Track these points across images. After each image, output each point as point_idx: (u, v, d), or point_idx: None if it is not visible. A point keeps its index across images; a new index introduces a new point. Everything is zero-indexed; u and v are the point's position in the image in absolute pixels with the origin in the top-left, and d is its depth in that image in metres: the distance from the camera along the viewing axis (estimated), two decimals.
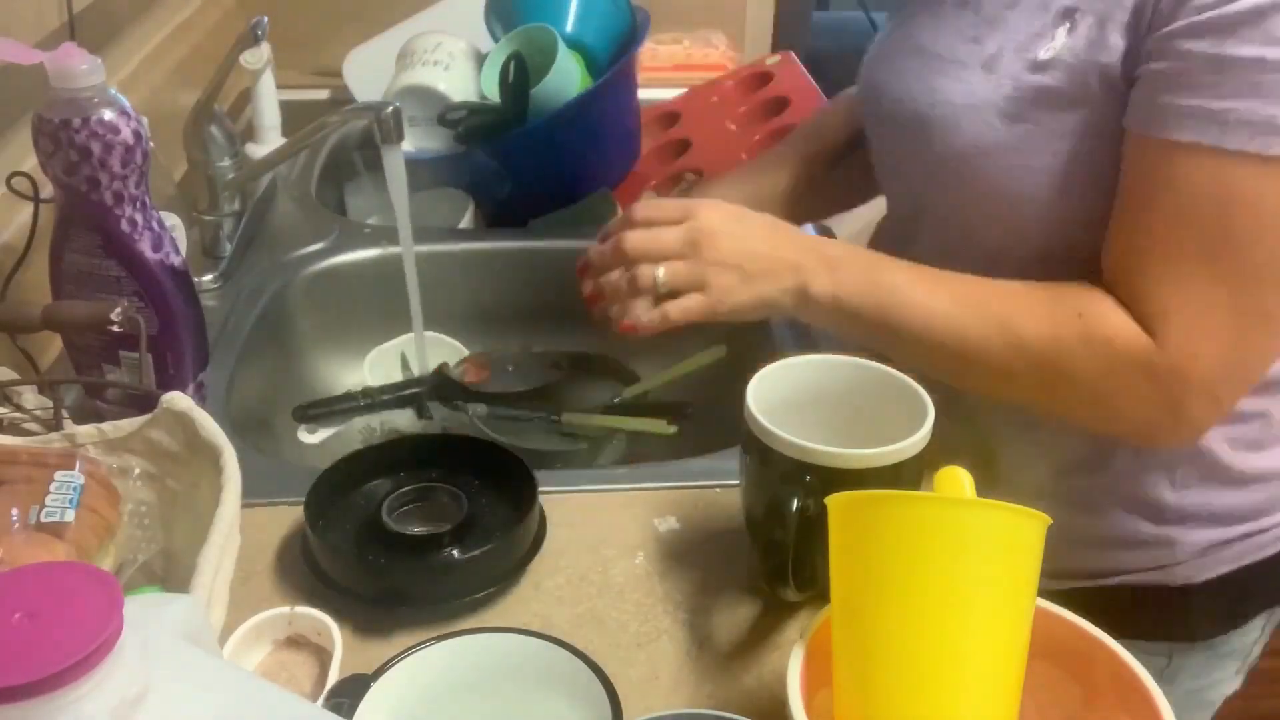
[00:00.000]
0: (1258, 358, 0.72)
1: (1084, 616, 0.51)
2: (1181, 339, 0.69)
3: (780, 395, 0.68)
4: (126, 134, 0.73)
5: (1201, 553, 0.85)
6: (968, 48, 0.77)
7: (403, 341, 1.04)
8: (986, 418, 0.85)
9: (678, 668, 0.64)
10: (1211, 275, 0.68)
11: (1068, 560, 0.86)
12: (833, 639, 0.55)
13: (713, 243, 0.76)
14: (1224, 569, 0.85)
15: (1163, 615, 0.87)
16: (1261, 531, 0.85)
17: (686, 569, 0.71)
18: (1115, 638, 0.85)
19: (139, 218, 0.76)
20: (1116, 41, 0.69)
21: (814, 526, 0.59)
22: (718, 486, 0.78)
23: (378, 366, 1.04)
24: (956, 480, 0.56)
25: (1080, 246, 0.75)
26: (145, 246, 0.77)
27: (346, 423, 1.00)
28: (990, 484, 0.73)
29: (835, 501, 0.54)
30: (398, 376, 1.04)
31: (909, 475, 0.63)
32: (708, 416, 1.08)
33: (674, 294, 0.76)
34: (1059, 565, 0.84)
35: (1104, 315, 0.71)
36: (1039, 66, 0.72)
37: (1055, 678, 0.57)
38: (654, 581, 0.71)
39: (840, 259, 0.76)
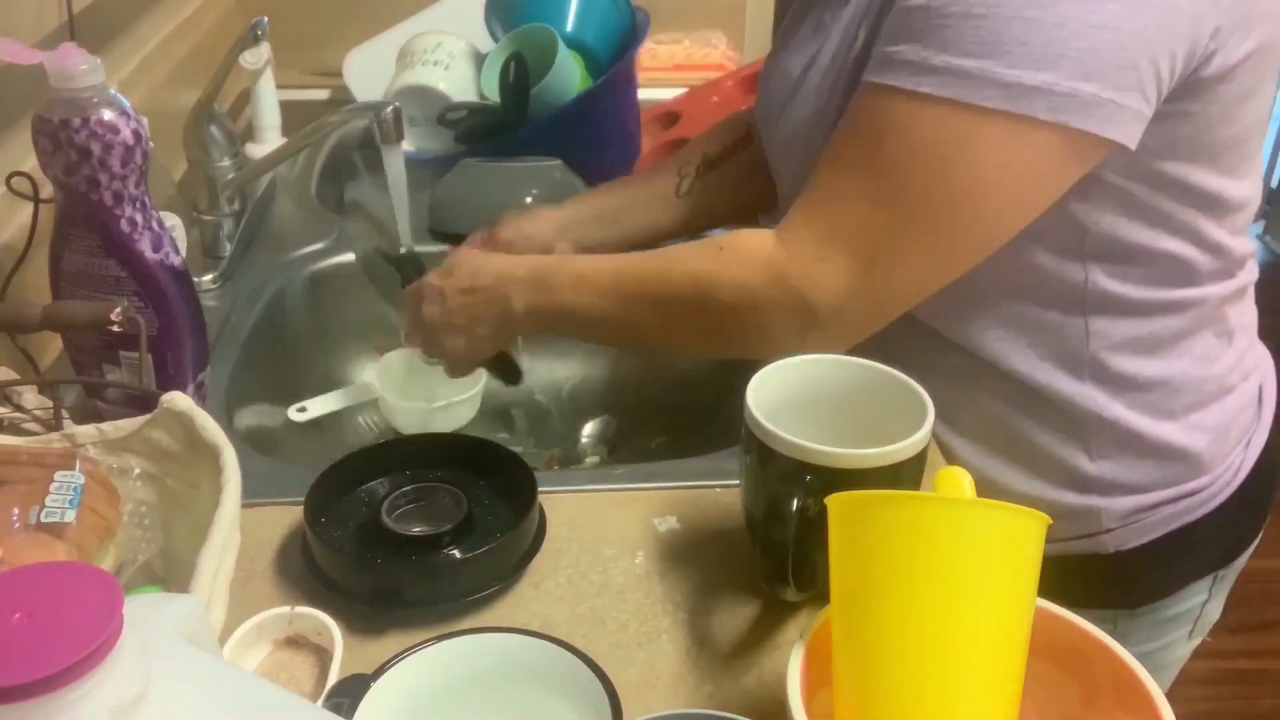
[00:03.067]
0: (886, 284, 0.74)
1: None
2: (812, 245, 0.74)
3: (780, 395, 0.68)
4: (126, 134, 0.73)
5: (1126, 520, 0.86)
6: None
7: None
8: None
9: (678, 668, 0.64)
10: (856, 189, 0.72)
11: None
12: (833, 639, 0.55)
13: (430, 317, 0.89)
14: (1154, 534, 0.87)
15: (1099, 584, 0.88)
16: (1185, 496, 0.86)
17: (686, 569, 0.71)
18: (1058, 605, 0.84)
19: (139, 218, 0.76)
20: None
21: (814, 526, 0.59)
22: (718, 486, 0.78)
23: (385, 369, 1.04)
24: (956, 480, 0.56)
25: None
26: (145, 246, 0.76)
27: (338, 405, 1.00)
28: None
29: (835, 501, 0.54)
30: (406, 382, 1.04)
31: (909, 475, 0.63)
32: (708, 416, 1.08)
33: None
34: None
35: (740, 235, 0.78)
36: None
37: (1055, 678, 0.57)
38: (654, 581, 0.71)
39: (521, 280, 0.85)
